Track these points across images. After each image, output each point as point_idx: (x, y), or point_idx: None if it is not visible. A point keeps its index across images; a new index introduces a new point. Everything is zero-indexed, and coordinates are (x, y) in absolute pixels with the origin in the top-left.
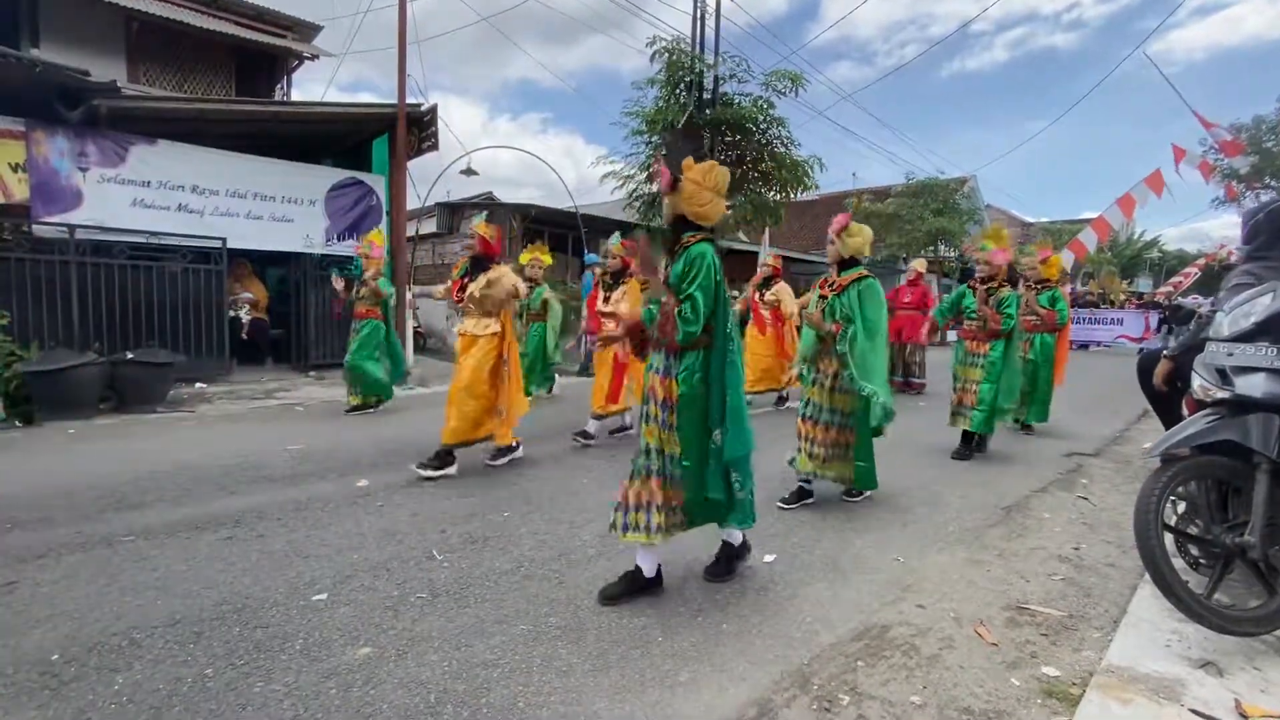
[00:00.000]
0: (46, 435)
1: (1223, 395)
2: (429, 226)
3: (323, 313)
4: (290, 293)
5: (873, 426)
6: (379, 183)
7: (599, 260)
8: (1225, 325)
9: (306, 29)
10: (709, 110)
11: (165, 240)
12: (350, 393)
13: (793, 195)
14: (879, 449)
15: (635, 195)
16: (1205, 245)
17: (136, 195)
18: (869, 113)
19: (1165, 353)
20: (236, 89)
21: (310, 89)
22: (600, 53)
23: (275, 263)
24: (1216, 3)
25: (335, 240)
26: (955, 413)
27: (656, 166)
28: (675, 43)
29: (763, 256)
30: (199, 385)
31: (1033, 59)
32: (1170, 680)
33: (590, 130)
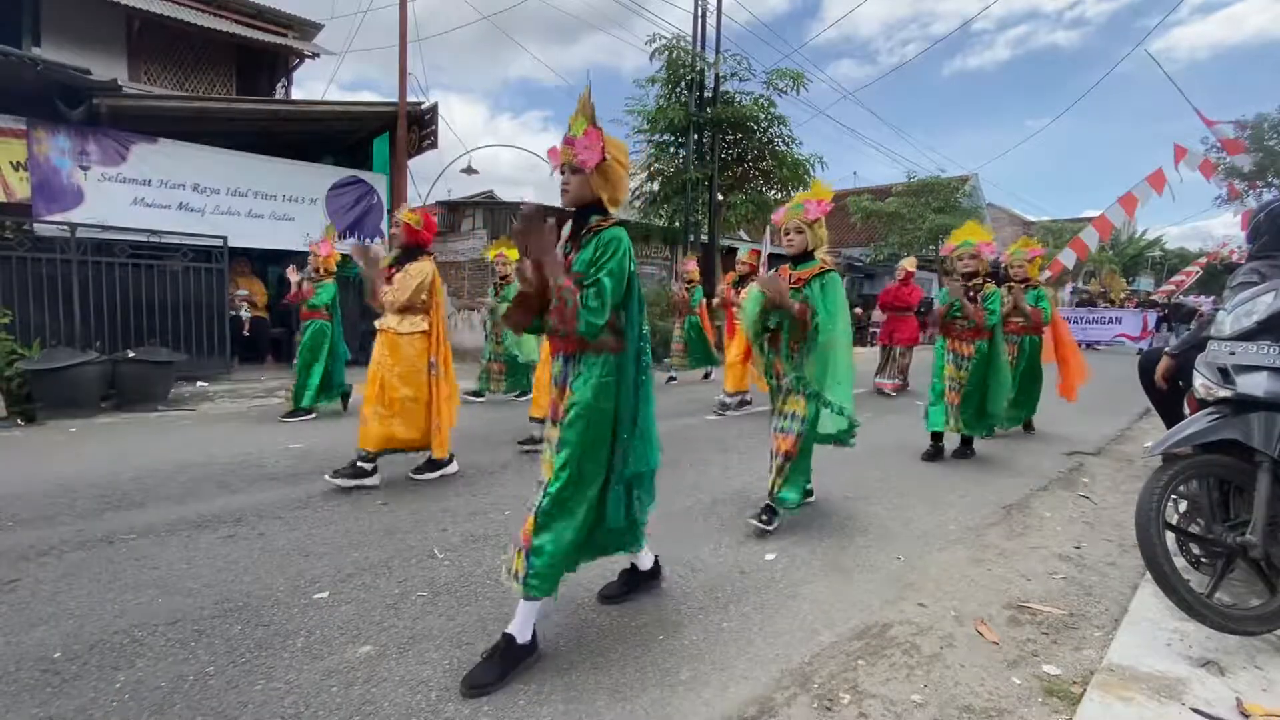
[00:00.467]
0: (48, 434)
1: (1224, 394)
2: None
3: None
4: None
5: (830, 434)
6: (380, 181)
7: None
8: (1227, 324)
9: (307, 27)
10: (710, 109)
11: (166, 239)
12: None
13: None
14: (879, 449)
15: (636, 194)
16: (1207, 244)
17: (137, 194)
18: (870, 111)
19: (1167, 350)
20: (237, 88)
21: (311, 88)
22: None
23: (276, 261)
24: (1219, 0)
25: (336, 239)
26: (944, 415)
27: (579, 138)
28: (676, 41)
29: (741, 254)
30: (200, 384)
31: (1035, 57)
32: (1171, 679)
33: None
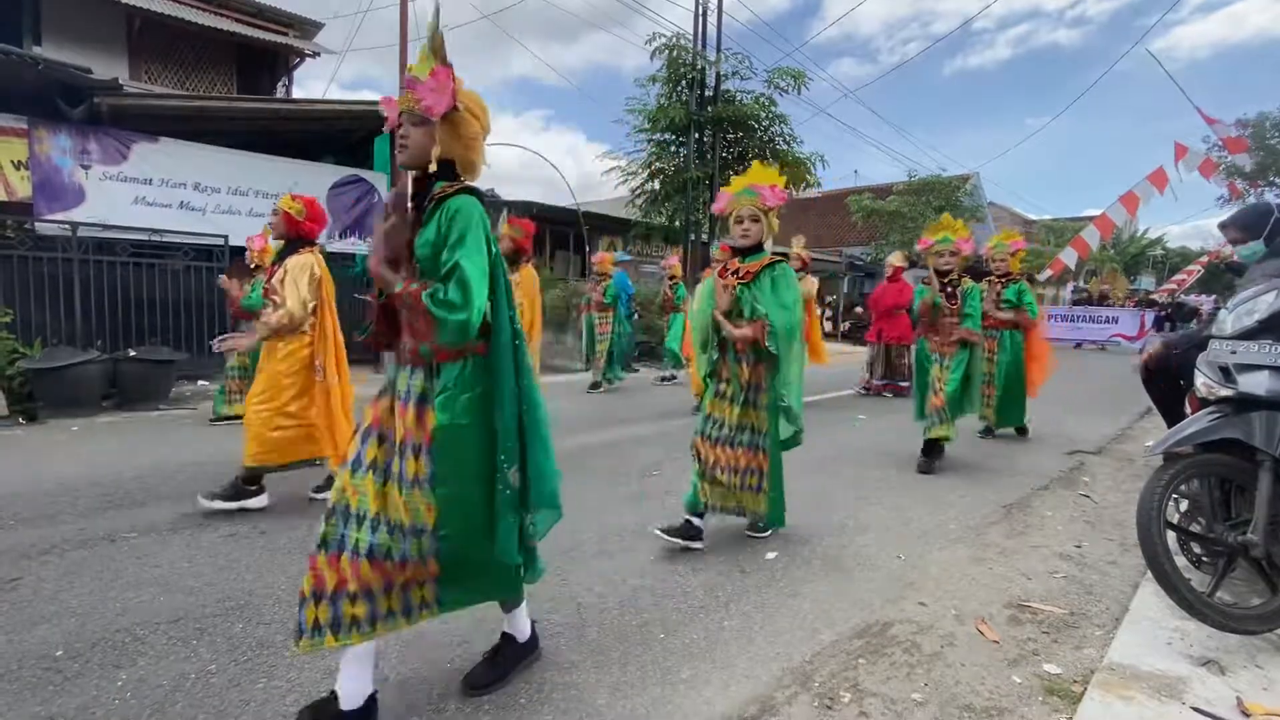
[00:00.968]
0: (49, 433)
1: (1226, 393)
2: None
3: None
4: None
5: (785, 441)
6: (381, 180)
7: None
8: (1229, 323)
9: (308, 26)
10: (711, 107)
11: (167, 238)
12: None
13: (795, 192)
14: (879, 449)
15: (638, 193)
16: (1208, 243)
17: (138, 193)
18: (871, 110)
19: (1162, 339)
20: (238, 86)
21: (312, 86)
22: (602, 50)
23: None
24: None
25: (337, 238)
26: (930, 416)
27: (424, 80)
28: (677, 40)
29: (713, 250)
30: (201, 383)
31: (1036, 56)
32: (1172, 678)
33: (592, 128)
